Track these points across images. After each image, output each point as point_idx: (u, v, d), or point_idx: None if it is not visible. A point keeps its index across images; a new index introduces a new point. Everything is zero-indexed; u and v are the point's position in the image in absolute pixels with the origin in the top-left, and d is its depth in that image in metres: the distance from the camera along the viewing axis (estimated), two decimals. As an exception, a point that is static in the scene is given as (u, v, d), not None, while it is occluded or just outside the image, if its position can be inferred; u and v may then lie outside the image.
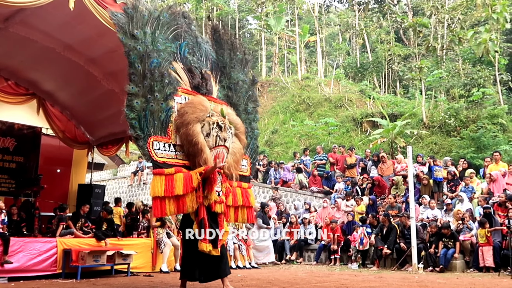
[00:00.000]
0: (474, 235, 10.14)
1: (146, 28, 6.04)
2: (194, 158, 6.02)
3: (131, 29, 5.90)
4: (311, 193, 14.84)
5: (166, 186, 5.69)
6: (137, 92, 5.78)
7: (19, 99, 11.23)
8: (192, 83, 6.61)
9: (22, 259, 7.72)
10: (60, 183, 12.78)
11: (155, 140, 5.83)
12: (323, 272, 10.01)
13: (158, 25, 6.26)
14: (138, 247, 9.48)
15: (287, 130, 24.49)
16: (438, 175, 12.43)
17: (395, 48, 29.79)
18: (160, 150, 5.86)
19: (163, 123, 5.98)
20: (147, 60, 5.89)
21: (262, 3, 31.46)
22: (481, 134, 17.62)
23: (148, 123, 5.79)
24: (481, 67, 22.40)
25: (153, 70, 5.91)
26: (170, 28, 6.51)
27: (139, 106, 5.74)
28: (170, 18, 6.54)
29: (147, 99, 5.81)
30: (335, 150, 15.98)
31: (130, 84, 5.77)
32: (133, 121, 5.71)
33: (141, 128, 5.73)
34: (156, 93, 5.90)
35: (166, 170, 5.77)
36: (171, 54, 6.40)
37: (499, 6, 20.44)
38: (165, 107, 6.00)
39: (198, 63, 6.88)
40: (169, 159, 5.93)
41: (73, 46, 9.18)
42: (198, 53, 6.99)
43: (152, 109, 5.83)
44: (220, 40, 7.39)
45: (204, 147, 5.96)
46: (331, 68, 34.02)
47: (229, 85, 7.27)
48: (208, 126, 6.12)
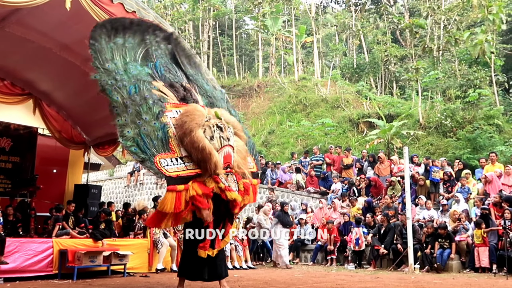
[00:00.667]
0: (470, 236, 10.17)
1: (116, 59, 6.20)
2: (205, 164, 5.97)
3: (102, 63, 6.06)
4: (307, 193, 14.85)
5: (176, 203, 5.72)
6: (125, 122, 5.86)
7: (15, 99, 11.19)
8: (178, 96, 6.68)
9: (18, 259, 7.69)
10: (56, 183, 12.73)
11: (161, 158, 5.84)
12: (319, 273, 10.02)
13: (126, 52, 6.40)
14: (134, 247, 9.46)
15: (283, 131, 24.51)
16: (435, 176, 12.47)
17: (392, 49, 29.84)
18: (169, 166, 5.85)
19: (163, 140, 6.00)
20: (123, 90, 6.00)
21: (259, 4, 31.46)
22: (477, 135, 17.67)
23: (148, 144, 5.83)
24: (477, 68, 22.46)
25: (133, 97, 6.03)
26: (137, 50, 6.64)
27: (132, 134, 5.81)
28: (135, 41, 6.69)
29: (137, 125, 5.89)
30: (332, 151, 16.00)
31: (116, 118, 5.86)
32: (132, 148, 5.77)
33: (143, 151, 5.78)
34: (144, 116, 5.98)
35: (178, 187, 5.77)
36: (147, 75, 6.52)
37: (495, 7, 20.50)
38: (159, 125, 6.05)
39: (176, 78, 6.97)
40: (181, 172, 5.92)
41: (70, 46, 9.15)
42: (173, 69, 7.10)
43: (146, 132, 5.89)
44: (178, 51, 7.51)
45: (212, 150, 5.94)
46: (328, 69, 34.04)
47: (208, 94, 7.36)
48: (209, 129, 6.12)
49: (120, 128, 5.82)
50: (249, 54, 42.48)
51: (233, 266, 10.86)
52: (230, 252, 10.98)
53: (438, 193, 12.46)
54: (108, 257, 8.65)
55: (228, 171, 6.06)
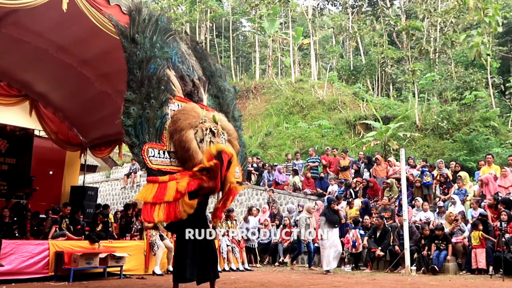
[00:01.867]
0: (466, 237, 10.18)
1: (146, 33, 6.06)
2: (186, 163, 6.01)
3: (132, 33, 5.92)
4: (304, 195, 14.85)
5: (157, 193, 5.66)
6: (134, 99, 5.77)
7: (11, 100, 11.16)
8: (184, 90, 6.63)
9: (14, 261, 7.66)
10: (53, 185, 12.71)
11: (150, 147, 5.81)
12: (316, 275, 10.01)
13: (156, 29, 6.27)
14: (131, 249, 9.43)
15: (280, 133, 24.52)
16: (426, 180, 12.53)
17: (388, 51, 29.93)
18: (155, 157, 5.84)
19: (158, 130, 5.98)
20: (146, 66, 5.90)
21: (256, 6, 31.48)
22: (473, 136, 17.73)
23: (144, 130, 5.78)
24: (473, 70, 22.55)
25: (150, 77, 5.92)
26: (167, 33, 6.52)
27: (135, 113, 5.73)
28: (167, 23, 6.57)
29: (143, 106, 5.81)
30: (328, 153, 16.01)
31: (128, 91, 5.76)
32: (129, 128, 5.69)
33: (136, 135, 5.72)
34: (152, 100, 5.90)
35: (160, 178, 5.76)
36: (167, 60, 6.43)
37: (491, 10, 20.59)
38: (160, 114, 6.00)
39: (188, 72, 6.92)
40: (163, 166, 5.91)
41: (66, 47, 9.14)
42: (187, 62, 7.05)
43: (148, 116, 5.83)
44: (202, 51, 7.55)
45: (196, 153, 5.94)
46: (325, 71, 34.11)
47: (217, 94, 7.33)
48: (201, 132, 6.11)
49: (127, 103, 5.73)
50: (246, 56, 42.51)
51: (229, 268, 10.85)
52: (227, 253, 10.97)
53: (434, 194, 12.49)
54: (105, 259, 8.63)
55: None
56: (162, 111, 6.04)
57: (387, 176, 13.56)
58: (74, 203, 11.04)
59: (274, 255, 12.91)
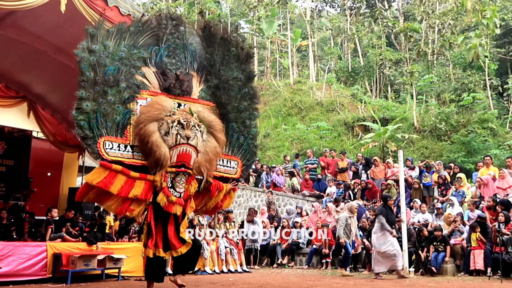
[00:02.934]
0: (464, 239, 10.19)
1: (108, 41, 6.18)
2: (148, 157, 6.03)
3: (90, 45, 6.04)
4: (302, 197, 14.85)
5: (104, 179, 5.71)
6: (87, 96, 5.86)
7: (9, 102, 11.16)
8: (162, 85, 6.60)
9: (12, 263, 7.64)
10: (51, 186, 12.68)
11: (107, 140, 5.87)
12: (314, 276, 10.01)
13: (126, 35, 6.39)
14: (129, 251, 9.41)
15: (279, 134, 24.53)
16: (426, 181, 12.53)
17: (387, 53, 29.97)
18: (112, 149, 5.90)
19: (119, 124, 6.04)
20: (100, 68, 6.00)
21: (254, 7, 31.51)
22: (471, 138, 17.75)
23: (100, 124, 5.85)
24: (471, 72, 22.60)
25: (107, 77, 6.03)
26: (143, 34, 6.59)
27: (89, 109, 5.81)
28: (145, 25, 6.64)
29: (99, 103, 5.89)
30: (326, 154, 16.01)
31: (79, 90, 5.85)
32: (82, 122, 5.78)
33: (90, 129, 5.80)
34: (110, 97, 5.99)
35: (114, 166, 5.80)
36: (139, 59, 6.49)
37: (489, 12, 20.62)
38: (122, 109, 6.07)
39: (176, 65, 6.85)
40: (123, 159, 5.96)
41: (64, 49, 9.11)
42: (181, 55, 6.96)
43: (104, 112, 5.90)
44: (211, 37, 7.17)
45: (157, 147, 5.92)
46: (323, 72, 34.12)
47: (218, 84, 7.08)
48: (166, 125, 6.08)
49: (79, 100, 5.81)
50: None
51: (228, 270, 10.84)
52: (225, 255, 10.96)
53: (432, 196, 12.49)
54: (103, 260, 8.60)
55: (181, 170, 6.07)
56: (126, 107, 6.12)
57: (385, 177, 13.57)
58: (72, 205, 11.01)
59: (273, 256, 12.90)
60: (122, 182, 5.80)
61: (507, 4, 27.80)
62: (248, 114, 7.15)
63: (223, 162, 6.84)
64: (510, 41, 28.12)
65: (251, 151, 7.22)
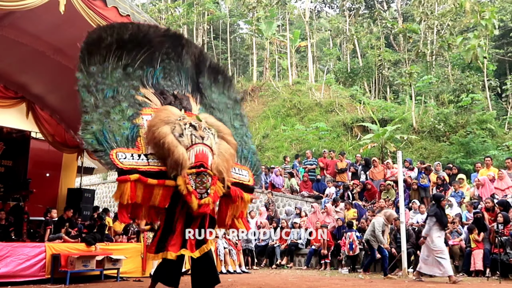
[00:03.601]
0: (463, 240, 10.20)
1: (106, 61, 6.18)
2: (166, 160, 5.78)
3: (87, 66, 6.01)
4: (301, 197, 14.85)
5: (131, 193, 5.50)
6: (91, 119, 5.78)
7: (8, 102, 11.15)
8: (163, 103, 6.59)
9: (10, 264, 7.61)
10: (50, 187, 12.66)
11: (119, 151, 5.70)
12: (313, 277, 10.01)
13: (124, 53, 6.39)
14: (128, 251, 9.40)
15: (278, 135, 24.53)
16: (423, 182, 12.55)
17: (385, 54, 30.01)
18: (126, 159, 5.69)
19: (128, 138, 5.91)
20: (99, 93, 5.98)
21: (254, 8, 31.53)
22: (470, 139, 17.77)
23: (108, 139, 5.73)
24: (470, 73, 22.62)
25: (107, 100, 6.00)
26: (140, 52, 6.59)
27: (95, 129, 5.73)
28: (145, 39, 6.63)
29: (103, 122, 5.82)
30: (325, 155, 16.02)
31: (83, 115, 5.79)
32: (90, 139, 5.66)
33: (99, 144, 5.67)
34: (113, 116, 5.94)
35: (131, 176, 5.54)
36: (137, 78, 6.52)
37: (487, 13, 20.68)
38: (129, 125, 5.99)
39: (172, 87, 6.89)
40: (139, 166, 5.72)
41: (63, 49, 9.13)
42: (175, 78, 7.04)
43: (110, 129, 5.81)
44: (200, 64, 7.40)
45: (174, 147, 5.73)
46: (322, 73, 34.15)
47: (211, 105, 7.22)
48: (179, 127, 5.97)
49: (84, 124, 5.73)
50: (243, 58, 42.50)
51: (227, 270, 10.83)
52: (224, 256, 10.96)
53: (430, 197, 12.49)
54: (101, 261, 8.59)
55: (201, 171, 5.74)
56: (132, 122, 6.04)
57: (384, 178, 13.58)
58: (71, 206, 11.01)
59: (272, 257, 12.90)
60: (142, 191, 5.61)
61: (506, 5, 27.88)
62: (244, 131, 7.34)
63: (235, 170, 6.67)
64: (508, 42, 28.17)
65: (256, 164, 7.22)
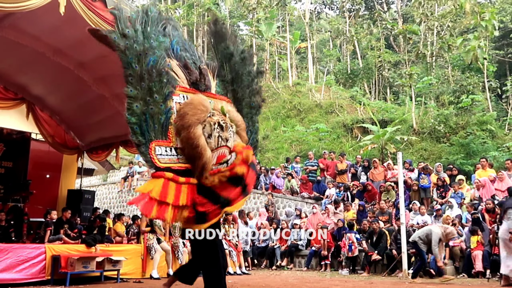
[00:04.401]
0: (463, 241, 10.19)
1: (137, 25, 5.80)
2: (194, 161, 5.68)
3: (121, 29, 5.66)
4: (302, 198, 14.85)
5: (163, 189, 5.35)
6: (136, 94, 5.49)
7: (8, 103, 11.13)
8: (190, 79, 6.28)
9: (10, 265, 7.60)
10: (50, 188, 12.66)
11: (156, 145, 5.54)
12: (313, 278, 10.00)
13: (148, 20, 5.99)
14: (128, 253, 9.40)
15: (278, 136, 24.52)
16: (424, 183, 12.55)
17: (385, 55, 30.00)
18: (162, 155, 5.55)
19: (163, 126, 5.67)
20: (144, 59, 5.63)
21: (253, 9, 31.53)
22: (470, 140, 17.76)
23: (149, 127, 5.52)
24: (470, 74, 22.62)
25: (150, 70, 5.62)
26: (160, 23, 6.23)
27: (139, 110, 5.47)
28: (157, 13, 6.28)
29: (146, 102, 5.53)
30: (325, 156, 16.02)
31: (128, 87, 5.48)
32: (135, 126, 5.45)
33: (142, 134, 5.47)
34: (155, 95, 5.62)
35: (166, 174, 5.44)
36: (166, 49, 6.12)
37: (487, 14, 20.69)
38: (164, 108, 5.69)
39: (192, 59, 6.58)
40: (172, 164, 5.61)
41: (63, 51, 9.13)
42: (190, 50, 6.73)
43: (152, 112, 5.55)
44: (222, 33, 7.03)
45: (205, 150, 5.61)
46: (322, 74, 34.15)
47: (232, 78, 6.93)
48: (209, 127, 5.78)
49: (129, 99, 5.44)
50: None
51: (227, 272, 10.81)
52: (224, 257, 10.94)
53: (431, 198, 12.51)
54: (101, 262, 8.59)
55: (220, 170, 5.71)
56: (166, 105, 5.72)
57: (384, 179, 13.58)
58: (71, 207, 11.01)
59: (272, 258, 12.90)
60: (174, 190, 5.45)
61: (506, 6, 27.90)
62: (255, 110, 7.12)
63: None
64: (508, 43, 28.18)
65: (256, 146, 7.15)
